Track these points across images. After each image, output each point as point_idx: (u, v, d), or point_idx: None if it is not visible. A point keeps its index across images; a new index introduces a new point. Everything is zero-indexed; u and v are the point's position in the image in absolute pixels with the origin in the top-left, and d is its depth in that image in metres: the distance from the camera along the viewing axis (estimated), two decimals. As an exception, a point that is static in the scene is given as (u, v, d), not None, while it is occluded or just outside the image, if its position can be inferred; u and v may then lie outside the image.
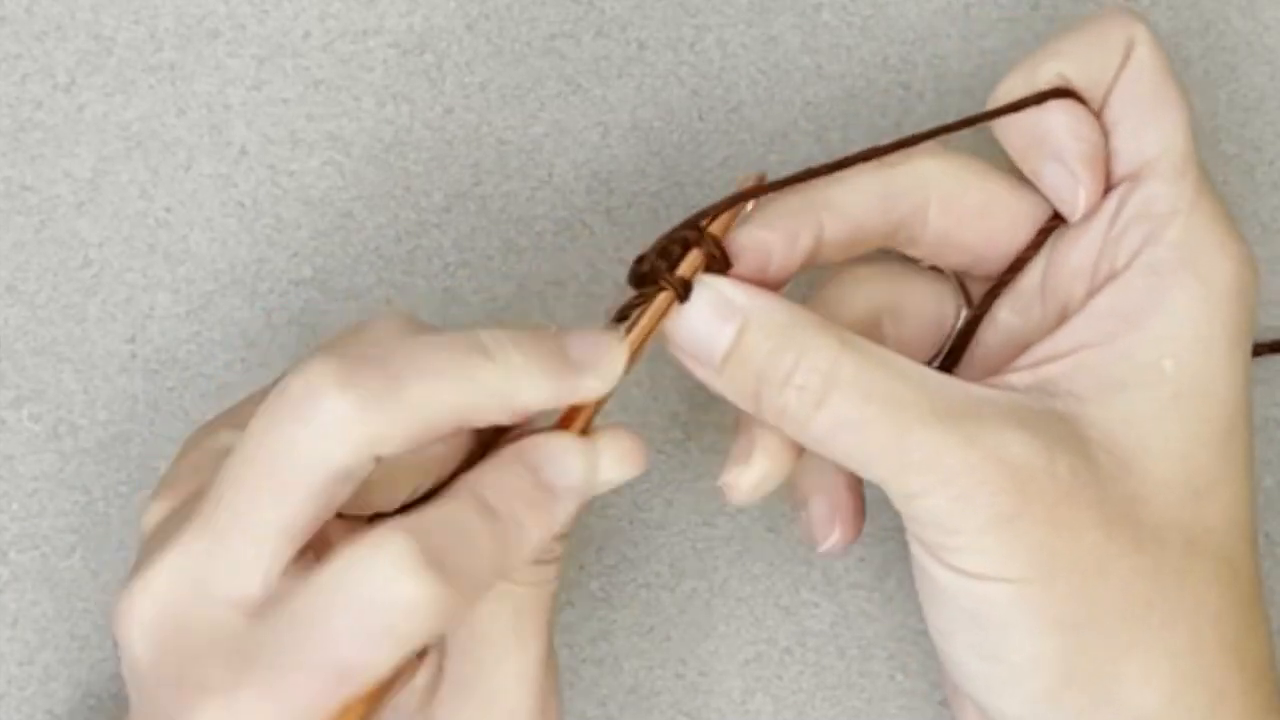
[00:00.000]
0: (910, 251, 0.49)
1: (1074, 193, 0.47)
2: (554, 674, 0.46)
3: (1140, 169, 0.46)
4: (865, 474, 0.45)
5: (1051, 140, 0.47)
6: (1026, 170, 0.48)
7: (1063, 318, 0.47)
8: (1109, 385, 0.45)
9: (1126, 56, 0.47)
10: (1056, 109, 0.47)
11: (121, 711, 0.52)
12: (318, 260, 0.54)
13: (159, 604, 0.40)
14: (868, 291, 0.48)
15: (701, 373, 0.45)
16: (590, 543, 0.54)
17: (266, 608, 0.40)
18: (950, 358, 0.49)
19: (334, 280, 0.54)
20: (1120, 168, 0.47)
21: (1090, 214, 0.47)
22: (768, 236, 0.46)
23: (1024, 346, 0.47)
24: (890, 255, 0.49)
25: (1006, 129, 0.48)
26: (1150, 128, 0.47)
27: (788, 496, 0.49)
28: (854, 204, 0.47)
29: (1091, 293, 0.47)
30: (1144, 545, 0.44)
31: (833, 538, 0.48)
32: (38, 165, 0.54)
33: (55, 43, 0.55)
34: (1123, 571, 0.44)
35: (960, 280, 0.50)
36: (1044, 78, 0.47)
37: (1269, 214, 0.57)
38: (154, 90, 0.55)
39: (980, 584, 0.44)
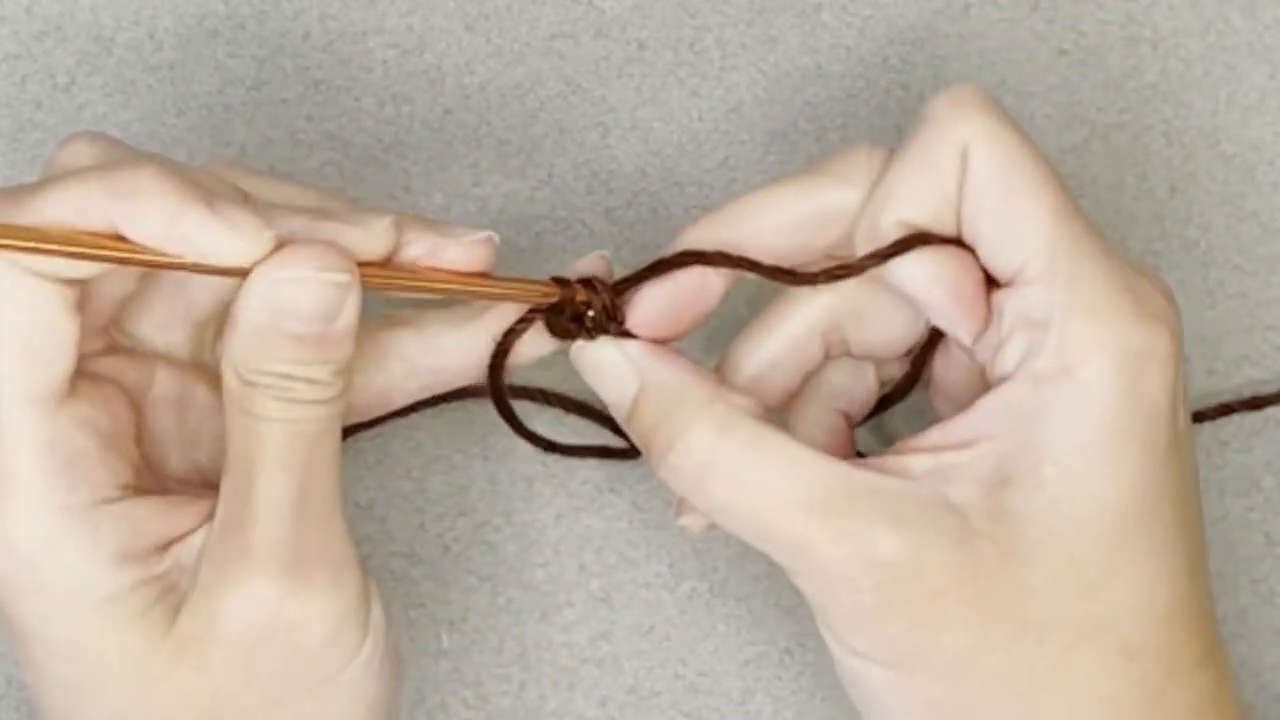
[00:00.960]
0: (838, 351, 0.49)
1: (956, 330, 0.46)
2: (329, 518, 0.44)
3: (1014, 276, 0.45)
4: (751, 545, 0.46)
5: (913, 292, 0.46)
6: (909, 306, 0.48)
7: (957, 404, 0.47)
8: (997, 481, 0.45)
9: (963, 167, 0.45)
10: (911, 260, 0.46)
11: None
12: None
13: None
14: (824, 299, 0.48)
15: (618, 418, 0.47)
16: (590, 543, 0.54)
17: None
18: (917, 364, 0.50)
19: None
20: (999, 274, 0.46)
21: (980, 333, 0.47)
22: (654, 306, 0.47)
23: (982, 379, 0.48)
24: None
25: (874, 280, 0.47)
26: (1009, 239, 0.45)
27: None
28: (769, 238, 0.47)
29: (987, 384, 0.46)
30: (1021, 639, 0.44)
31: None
32: (38, 165, 0.54)
33: (55, 43, 0.55)
34: (993, 665, 0.44)
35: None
36: (886, 231, 0.46)
37: (1269, 214, 0.57)
38: (154, 90, 0.55)
39: (859, 662, 0.45)
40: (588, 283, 0.47)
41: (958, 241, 0.46)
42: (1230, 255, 0.56)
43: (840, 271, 0.46)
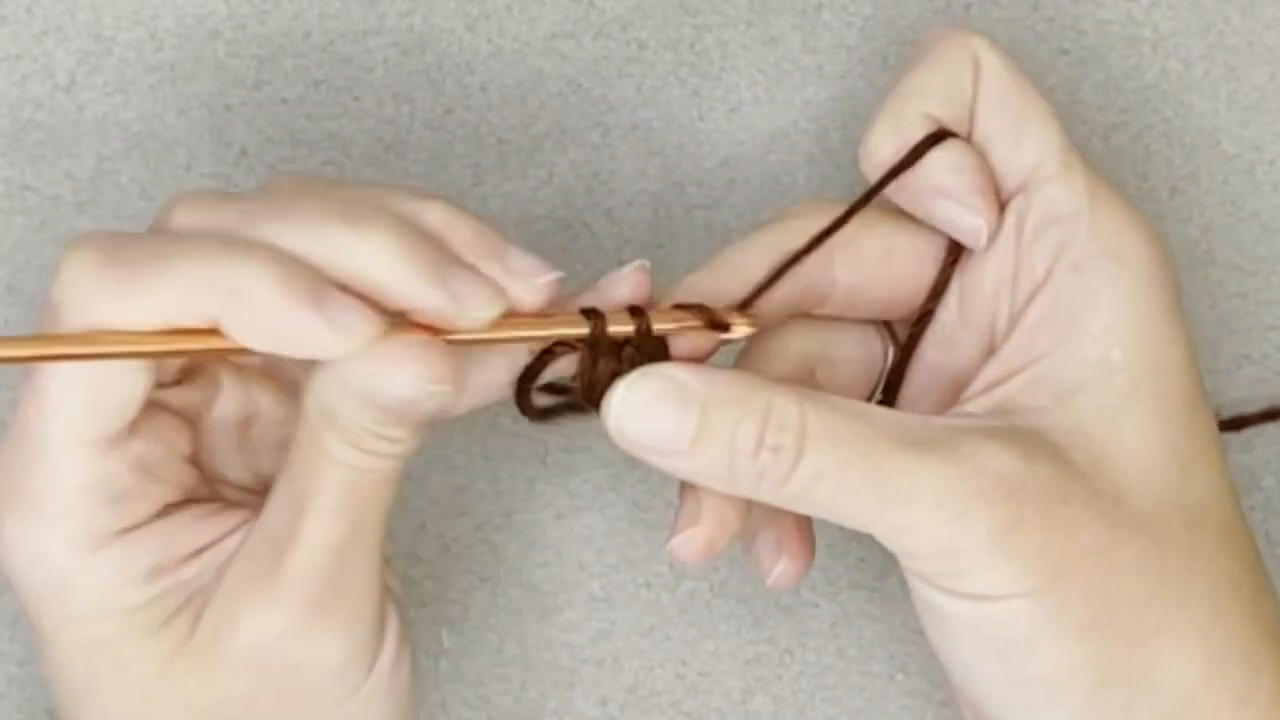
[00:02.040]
0: (822, 311, 0.48)
1: (974, 224, 0.47)
2: (365, 563, 0.44)
3: (1027, 178, 0.47)
4: (850, 523, 0.44)
5: (935, 181, 0.47)
6: (919, 213, 0.48)
7: (990, 341, 0.47)
8: (1066, 389, 0.45)
9: (977, 74, 0.47)
10: (933, 153, 0.47)
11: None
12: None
13: None
14: (797, 345, 0.48)
15: (662, 461, 0.44)
16: (590, 543, 0.54)
17: None
18: (886, 396, 0.49)
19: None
20: (1008, 182, 0.47)
21: (995, 235, 0.47)
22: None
23: (958, 381, 0.48)
24: None
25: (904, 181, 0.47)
26: (1024, 136, 0.47)
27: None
28: (759, 278, 0.47)
29: (1016, 307, 0.47)
30: (1142, 530, 0.44)
31: (779, 568, 0.48)
32: (38, 165, 0.54)
33: (55, 43, 0.55)
34: (1129, 559, 0.44)
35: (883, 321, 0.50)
36: (910, 121, 0.47)
37: (1269, 214, 0.57)
38: (154, 90, 0.55)
39: (994, 605, 0.43)
40: (631, 311, 0.45)
41: (961, 137, 0.47)
42: (1230, 255, 0.57)
43: (878, 186, 0.47)
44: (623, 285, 0.46)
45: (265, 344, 0.41)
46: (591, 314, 0.44)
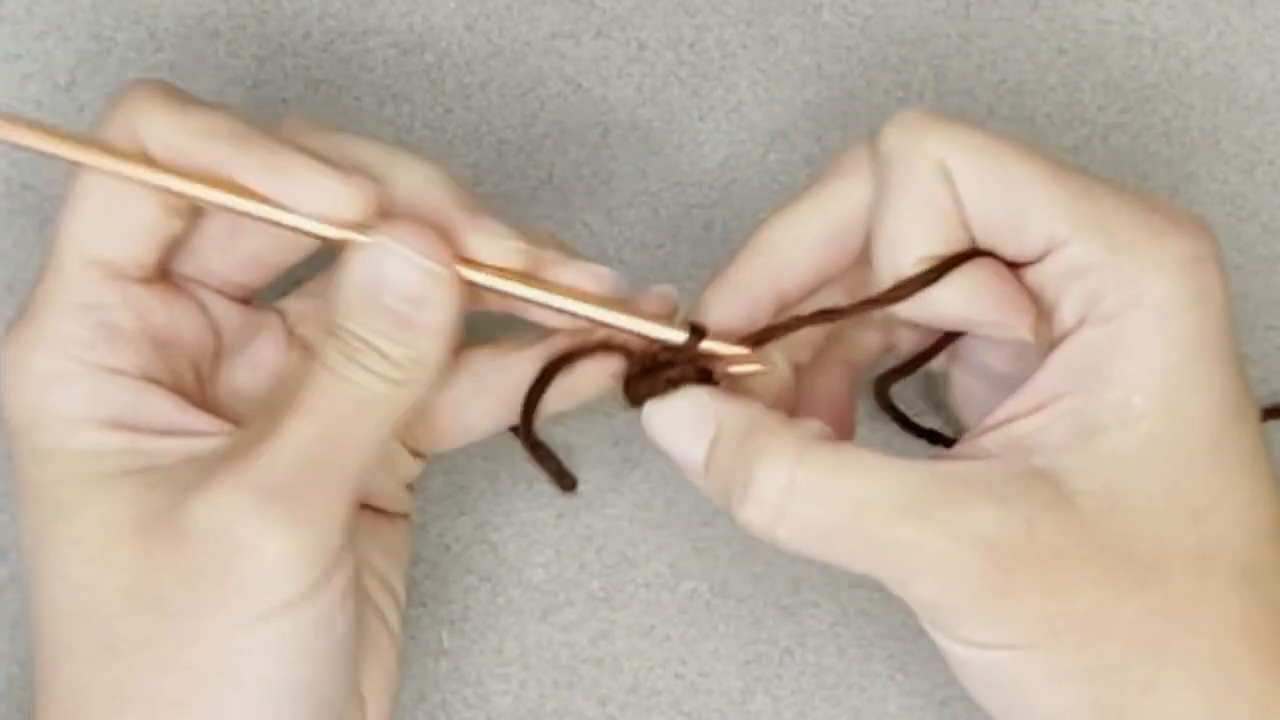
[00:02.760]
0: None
1: (1016, 334, 0.46)
2: (332, 483, 0.45)
3: (1044, 249, 0.45)
4: (853, 569, 0.45)
5: (959, 319, 0.46)
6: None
7: (1017, 376, 0.47)
8: (1084, 432, 0.44)
9: (950, 182, 0.45)
10: (937, 292, 0.45)
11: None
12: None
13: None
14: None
15: (697, 481, 0.46)
16: (590, 543, 0.54)
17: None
18: (908, 365, 0.50)
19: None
20: (1026, 256, 0.46)
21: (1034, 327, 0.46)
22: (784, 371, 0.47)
23: (986, 404, 0.48)
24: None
25: (916, 315, 0.47)
26: (1026, 217, 0.45)
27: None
28: (804, 258, 0.47)
29: (1045, 351, 0.46)
30: (1147, 583, 0.44)
31: None
32: (38, 165, 0.54)
33: (55, 43, 0.55)
34: (1128, 615, 0.44)
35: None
36: (911, 270, 0.45)
37: (1269, 214, 0.57)
38: (154, 90, 0.55)
39: (987, 653, 0.44)
40: (691, 331, 0.46)
41: (975, 252, 0.46)
42: (1230, 255, 0.56)
43: (895, 295, 0.46)
44: (649, 305, 0.47)
45: (280, 193, 0.44)
46: (692, 330, 0.46)
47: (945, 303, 0.46)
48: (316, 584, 0.44)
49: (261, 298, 0.49)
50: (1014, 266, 0.46)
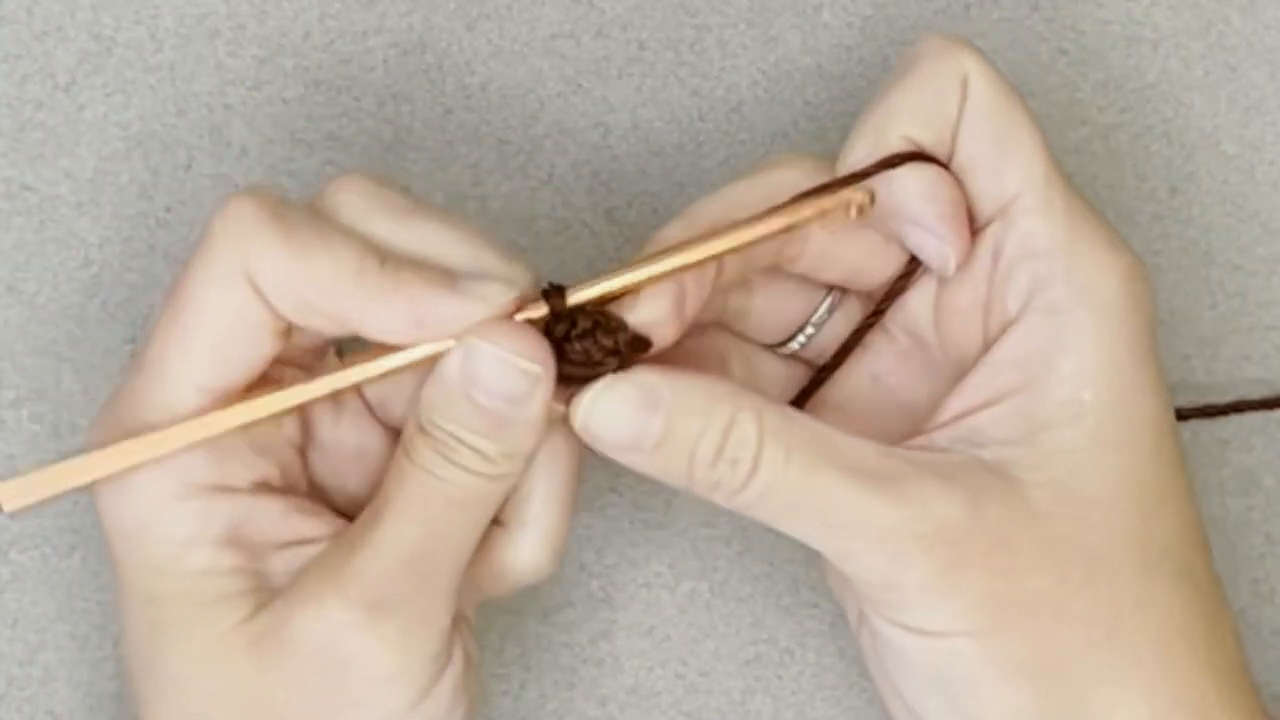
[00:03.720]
0: (793, 268, 0.48)
1: (941, 253, 0.46)
2: (435, 584, 0.45)
3: (1007, 206, 0.46)
4: (802, 539, 0.45)
5: (904, 206, 0.46)
6: (891, 233, 0.47)
7: (958, 360, 0.47)
8: (1033, 427, 0.45)
9: (964, 95, 0.46)
10: (906, 173, 0.46)
11: (121, 711, 0.52)
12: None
13: (100, 431, 0.45)
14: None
15: (622, 458, 0.45)
16: (590, 543, 0.54)
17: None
18: (811, 384, 0.49)
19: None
20: (986, 208, 0.47)
21: (965, 262, 0.47)
22: (663, 305, 0.45)
23: (923, 394, 0.48)
24: None
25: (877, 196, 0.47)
26: (1005, 166, 0.46)
27: None
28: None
29: (989, 336, 0.47)
30: (1096, 577, 0.44)
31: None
32: (38, 165, 0.54)
33: (55, 43, 0.55)
34: (1077, 607, 0.44)
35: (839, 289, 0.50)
36: (890, 144, 0.46)
37: (1269, 214, 0.57)
38: (154, 90, 0.55)
39: (936, 640, 0.44)
40: (594, 318, 0.45)
41: (943, 164, 0.46)
42: (1230, 255, 0.57)
43: (843, 181, 0.46)
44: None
45: (402, 322, 0.43)
46: (551, 291, 0.45)
47: (904, 190, 0.46)
48: (429, 688, 0.44)
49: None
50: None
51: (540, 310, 0.44)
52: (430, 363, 0.44)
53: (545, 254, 0.55)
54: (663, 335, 0.45)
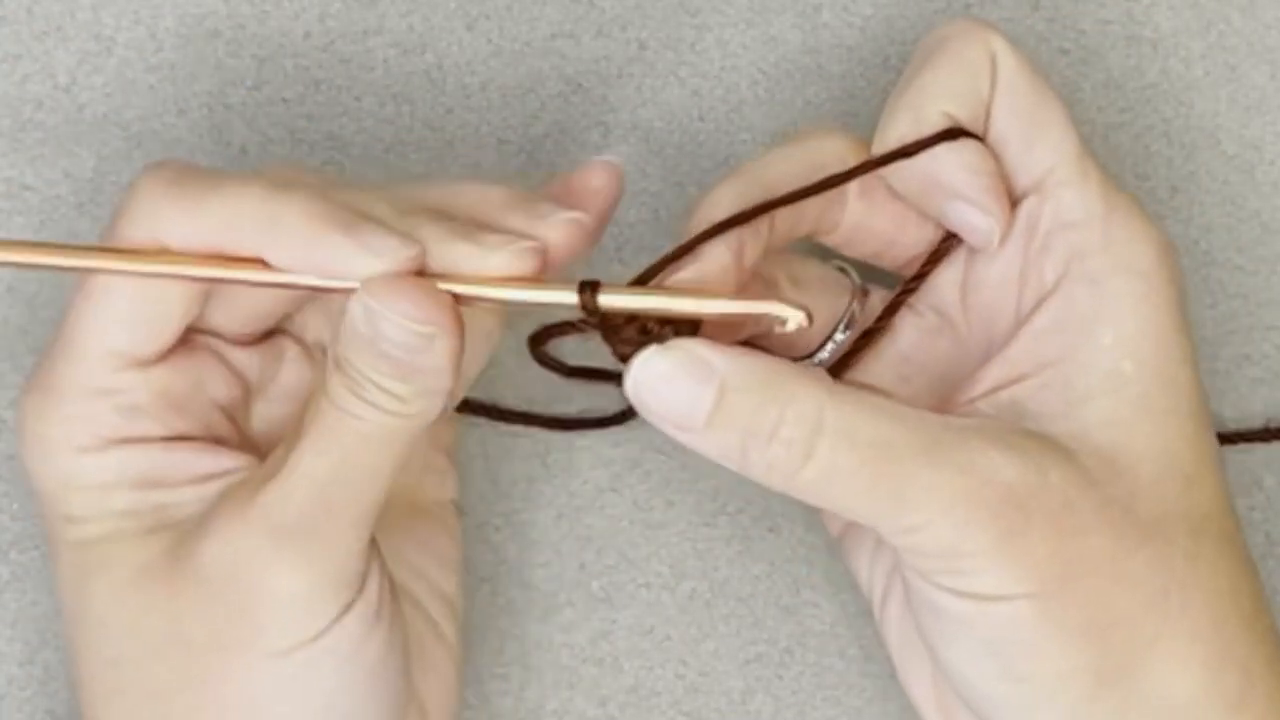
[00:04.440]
0: (827, 239, 0.49)
1: (986, 226, 0.47)
2: (345, 517, 0.45)
3: (1042, 180, 0.47)
4: (857, 517, 0.45)
5: (948, 181, 0.47)
6: (932, 211, 0.48)
7: (988, 335, 0.48)
8: (1075, 399, 0.45)
9: (994, 73, 0.47)
10: (946, 150, 0.47)
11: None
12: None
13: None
14: (770, 257, 0.48)
15: (681, 435, 0.44)
16: (590, 543, 0.54)
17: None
18: (847, 358, 0.49)
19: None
20: (1020, 183, 0.47)
21: (1005, 239, 0.47)
22: (719, 263, 0.45)
23: (952, 369, 0.48)
24: None
25: (900, 175, 0.48)
26: (1039, 139, 0.47)
27: None
28: (783, 191, 0.47)
29: (1023, 309, 0.47)
30: (1150, 538, 0.44)
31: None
32: (38, 165, 0.54)
33: (55, 43, 0.55)
34: (1135, 566, 0.44)
35: (864, 287, 0.50)
36: (930, 119, 0.47)
37: (1269, 214, 0.57)
38: (154, 90, 0.55)
39: (995, 605, 0.44)
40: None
41: (979, 138, 0.47)
42: (1230, 255, 0.57)
43: (880, 161, 0.47)
44: (595, 177, 0.47)
45: (302, 265, 0.44)
46: (586, 287, 0.44)
47: (948, 164, 0.46)
48: (338, 616, 0.44)
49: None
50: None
51: (571, 297, 0.44)
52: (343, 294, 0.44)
53: (545, 254, 0.55)
54: (724, 285, 0.45)
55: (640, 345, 0.44)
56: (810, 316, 0.44)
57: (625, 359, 0.44)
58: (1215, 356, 0.56)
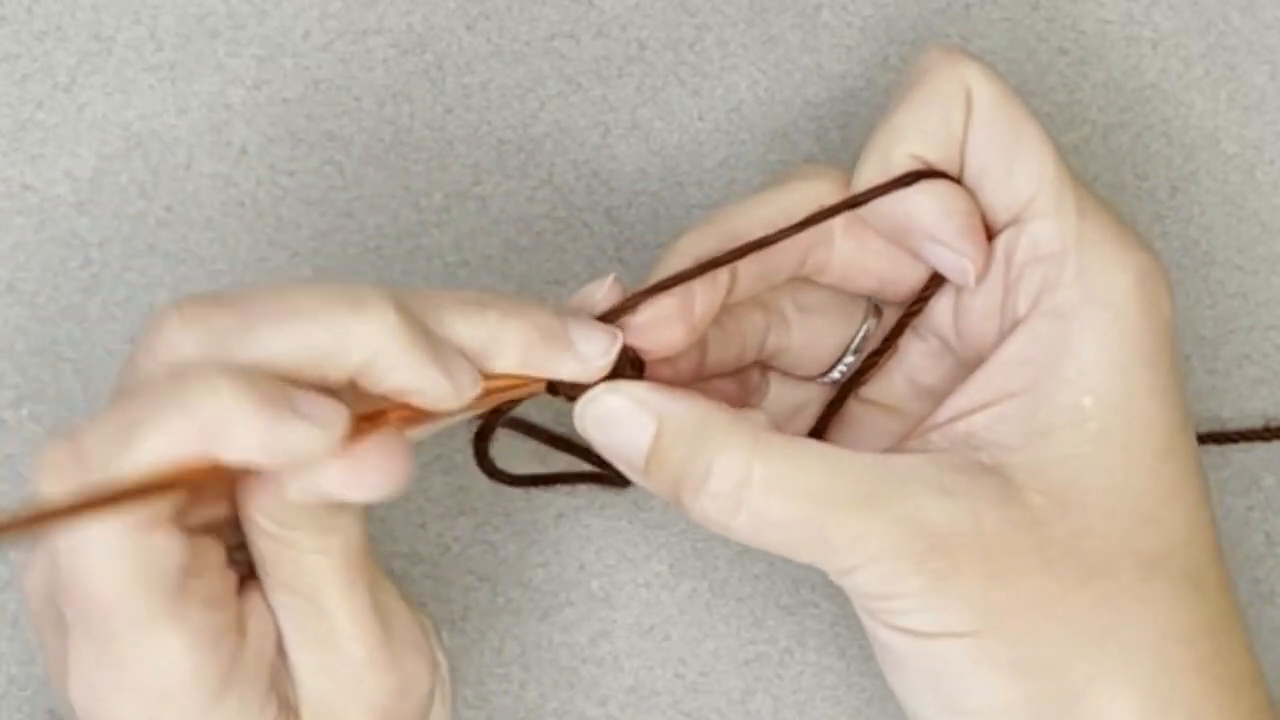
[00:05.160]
0: (822, 279, 0.49)
1: (959, 266, 0.47)
2: (397, 617, 0.44)
3: (1020, 212, 0.46)
4: (795, 559, 0.45)
5: (919, 223, 0.47)
6: (910, 250, 0.48)
7: (979, 359, 0.47)
8: (1033, 432, 0.45)
9: (968, 106, 0.46)
10: (918, 191, 0.46)
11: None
12: (318, 260, 0.54)
13: (38, 573, 0.44)
14: (776, 289, 0.48)
15: (630, 474, 0.45)
16: (590, 543, 0.54)
17: None
18: (852, 382, 0.50)
19: (334, 280, 0.54)
20: (1000, 216, 0.47)
21: (984, 272, 0.47)
22: (664, 312, 0.45)
23: (957, 386, 0.48)
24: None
25: (875, 217, 0.47)
26: (1016, 171, 0.46)
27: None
28: (757, 230, 0.47)
29: (1000, 338, 0.47)
30: (1093, 578, 0.44)
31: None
32: (38, 165, 0.54)
33: (55, 43, 0.55)
34: (1071, 608, 0.44)
35: (876, 306, 0.50)
36: (898, 163, 0.46)
37: (1269, 214, 0.57)
38: (154, 90, 0.55)
39: (931, 642, 0.44)
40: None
41: (954, 179, 0.47)
42: (1230, 255, 0.57)
43: (837, 208, 0.46)
44: (601, 297, 0.46)
45: (259, 458, 0.39)
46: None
47: (919, 207, 0.46)
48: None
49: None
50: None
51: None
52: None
53: (545, 254, 0.55)
54: (668, 338, 0.45)
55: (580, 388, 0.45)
56: (549, 387, 0.45)
57: (573, 399, 0.45)
58: (1215, 356, 0.56)
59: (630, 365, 0.45)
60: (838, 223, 0.47)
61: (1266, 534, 0.56)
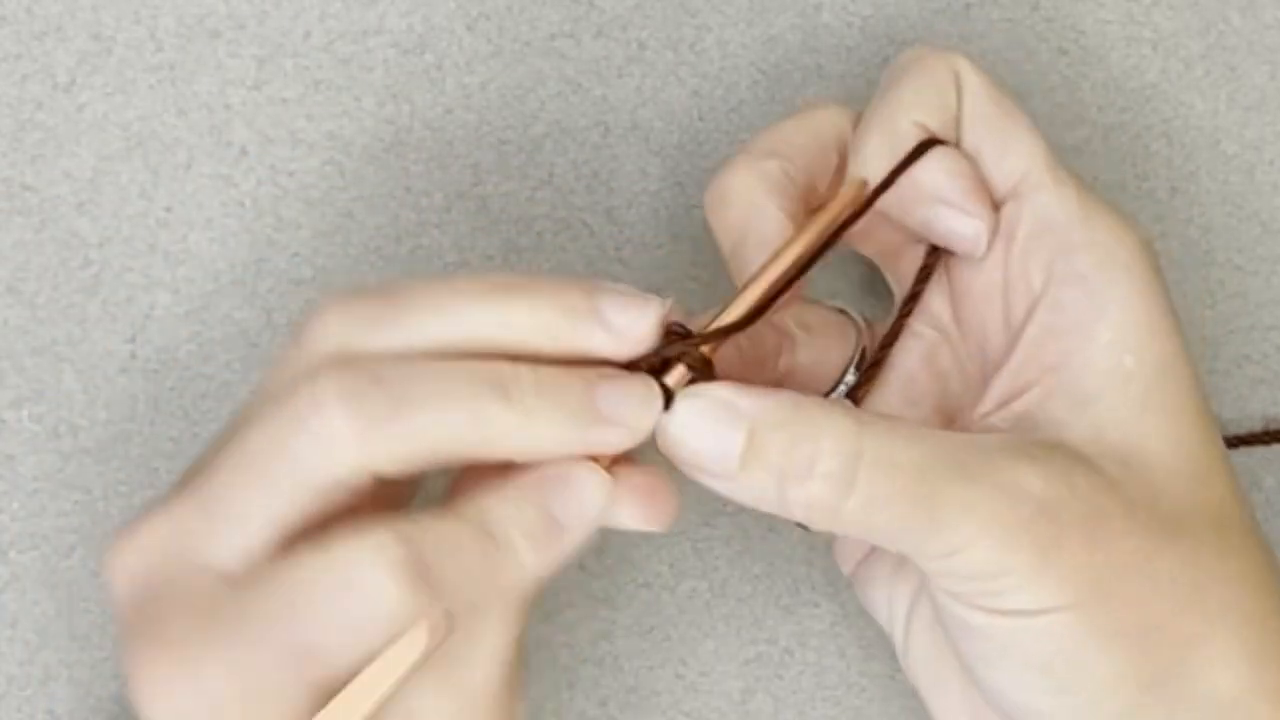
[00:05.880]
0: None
1: (973, 229, 0.47)
2: (523, 653, 0.44)
3: (1016, 186, 0.47)
4: (895, 544, 0.44)
5: (929, 186, 0.47)
6: (915, 222, 0.48)
7: (983, 344, 0.48)
8: (1082, 401, 0.45)
9: (959, 89, 0.48)
10: (928, 158, 0.47)
11: (122, 711, 0.52)
12: (318, 260, 0.54)
13: (143, 557, 0.41)
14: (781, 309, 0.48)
15: (715, 484, 0.43)
16: (590, 543, 0.54)
17: (246, 579, 0.40)
18: (858, 389, 0.49)
19: (334, 280, 0.54)
20: (996, 190, 0.48)
21: (992, 242, 0.47)
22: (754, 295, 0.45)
23: (953, 386, 0.48)
24: None
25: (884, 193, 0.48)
26: (1010, 147, 0.47)
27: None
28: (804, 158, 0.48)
29: (1014, 319, 0.47)
30: (1176, 536, 0.44)
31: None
32: (38, 165, 0.54)
33: (55, 43, 0.55)
34: (1166, 566, 0.44)
35: (866, 320, 0.51)
36: (904, 131, 0.47)
37: (1269, 214, 0.57)
38: (154, 90, 0.55)
39: (1037, 619, 0.43)
40: (676, 334, 0.44)
41: (952, 144, 0.48)
42: (1230, 255, 0.57)
43: (885, 184, 0.47)
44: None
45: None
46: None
47: (926, 171, 0.47)
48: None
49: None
50: None
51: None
52: None
53: (545, 254, 0.55)
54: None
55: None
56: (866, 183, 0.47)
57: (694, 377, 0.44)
58: (1215, 356, 0.56)
59: (703, 367, 0.44)
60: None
61: (1266, 534, 0.55)
